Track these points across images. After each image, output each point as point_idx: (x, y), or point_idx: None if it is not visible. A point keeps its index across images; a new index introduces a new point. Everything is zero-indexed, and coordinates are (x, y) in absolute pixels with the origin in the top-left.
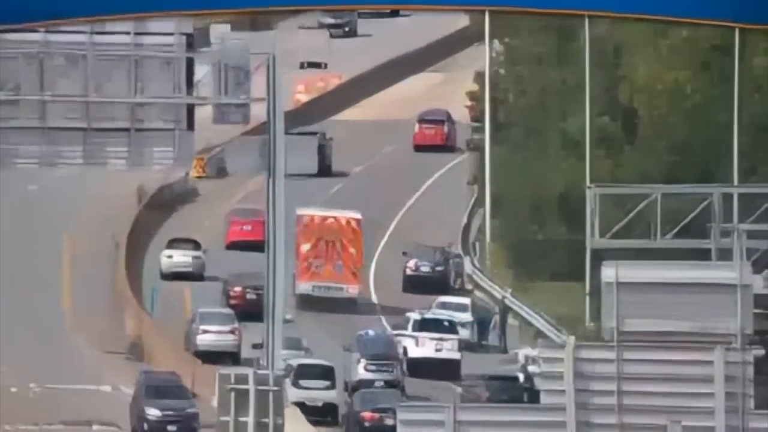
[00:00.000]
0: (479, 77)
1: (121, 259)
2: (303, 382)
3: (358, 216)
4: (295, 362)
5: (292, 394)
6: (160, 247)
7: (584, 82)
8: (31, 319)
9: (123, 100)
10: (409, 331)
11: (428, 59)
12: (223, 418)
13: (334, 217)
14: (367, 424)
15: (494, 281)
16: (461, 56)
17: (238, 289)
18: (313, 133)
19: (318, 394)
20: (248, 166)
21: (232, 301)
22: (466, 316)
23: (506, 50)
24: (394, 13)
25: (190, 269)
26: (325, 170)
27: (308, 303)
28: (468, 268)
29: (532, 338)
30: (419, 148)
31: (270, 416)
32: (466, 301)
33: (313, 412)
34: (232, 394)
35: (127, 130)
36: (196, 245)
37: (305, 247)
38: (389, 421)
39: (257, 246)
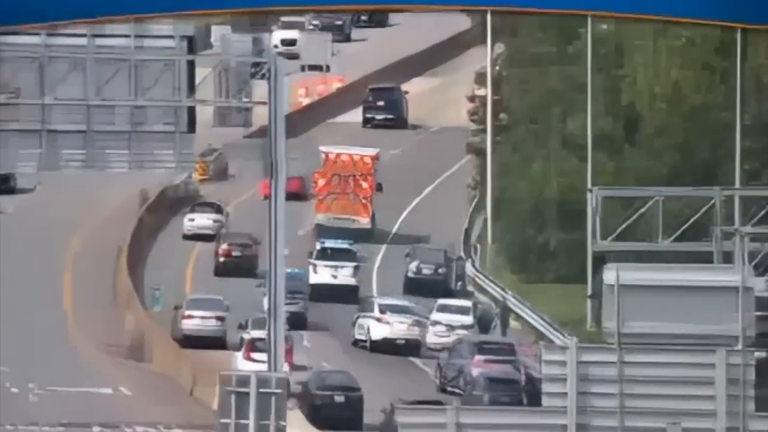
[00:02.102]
0: (480, 79)
1: (123, 261)
2: (255, 356)
3: (372, 152)
4: (245, 335)
5: (244, 366)
6: (162, 249)
7: (586, 83)
8: (32, 320)
9: (124, 103)
10: (313, 259)
11: (429, 62)
12: (223, 421)
13: (349, 154)
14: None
15: (496, 283)
16: (462, 58)
17: (225, 246)
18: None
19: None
20: (250, 168)
21: (220, 258)
22: (468, 319)
23: (507, 52)
24: (381, 23)
25: (210, 231)
26: (401, 123)
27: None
28: (469, 270)
29: (534, 340)
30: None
31: (272, 419)
32: (467, 303)
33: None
34: (233, 396)
35: (127, 132)
36: (218, 209)
37: (321, 182)
38: (338, 399)
39: (292, 197)
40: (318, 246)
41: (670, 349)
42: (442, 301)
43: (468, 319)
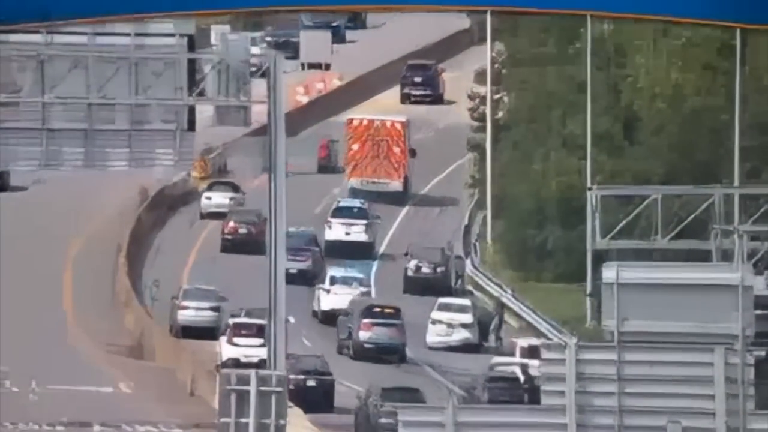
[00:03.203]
0: (480, 77)
1: (123, 260)
2: (238, 340)
3: (403, 119)
4: (231, 321)
5: (228, 351)
6: (162, 247)
7: (585, 83)
8: (32, 319)
9: (124, 102)
10: (329, 217)
11: (430, 59)
12: (223, 420)
13: (381, 120)
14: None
15: (495, 282)
16: (462, 56)
17: (231, 223)
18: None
19: (253, 351)
20: (249, 167)
21: (227, 235)
22: (467, 317)
23: (507, 51)
24: (361, 25)
25: (226, 210)
26: (438, 99)
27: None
28: (469, 269)
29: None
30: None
31: (272, 417)
32: (466, 302)
33: (247, 368)
34: (233, 394)
35: (128, 131)
36: (235, 188)
37: (354, 147)
38: (310, 383)
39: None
40: (334, 204)
41: (670, 347)
42: (441, 299)
43: (468, 318)
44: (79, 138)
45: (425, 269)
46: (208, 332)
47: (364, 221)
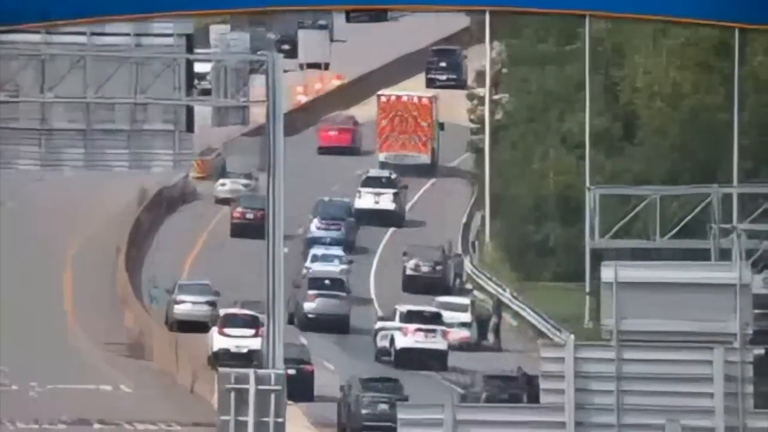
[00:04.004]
0: (479, 77)
1: (122, 260)
2: (229, 330)
3: (430, 95)
4: (221, 311)
5: (219, 341)
6: (161, 247)
7: (584, 82)
8: (32, 318)
9: (123, 101)
10: (359, 187)
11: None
12: (223, 418)
13: (408, 95)
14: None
15: (494, 281)
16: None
17: (240, 209)
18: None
19: (243, 341)
20: (247, 167)
21: (235, 220)
22: (466, 316)
23: (506, 51)
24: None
25: (239, 196)
26: (462, 83)
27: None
28: (468, 267)
29: (532, 338)
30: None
31: (270, 416)
32: (465, 301)
33: (237, 359)
34: (232, 393)
35: (127, 131)
36: (248, 175)
37: (383, 123)
38: (291, 371)
39: (344, 150)
40: (363, 175)
41: (668, 346)
42: (440, 298)
43: (466, 317)
44: (79, 138)
45: (424, 268)
46: (204, 326)
47: (393, 190)
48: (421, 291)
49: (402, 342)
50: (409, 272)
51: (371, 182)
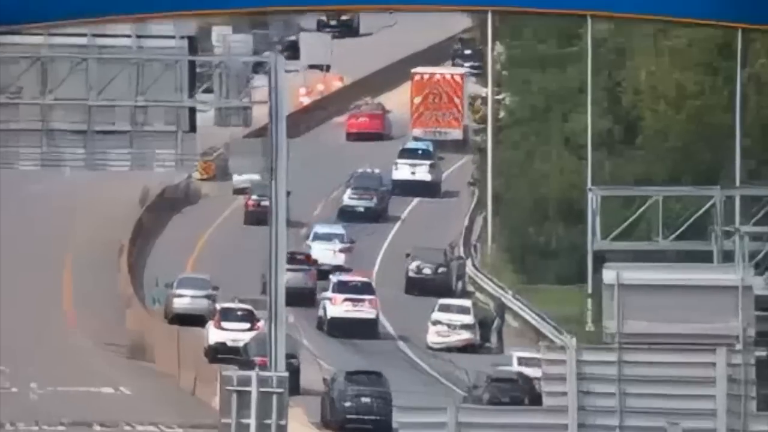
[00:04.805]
0: (481, 78)
1: (124, 261)
2: (226, 324)
3: (462, 71)
4: (218, 306)
5: (215, 335)
6: (163, 248)
7: (586, 83)
8: (31, 319)
9: (125, 103)
10: (396, 159)
11: (431, 61)
12: (224, 420)
13: (441, 73)
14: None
15: (496, 283)
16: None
17: (253, 198)
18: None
19: (240, 335)
20: (250, 168)
21: (249, 208)
22: (468, 318)
23: (508, 52)
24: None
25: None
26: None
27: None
28: (470, 269)
29: (534, 340)
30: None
31: (273, 418)
32: (467, 303)
33: (233, 352)
34: (234, 395)
35: (128, 132)
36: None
37: (417, 100)
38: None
39: (372, 136)
40: (401, 146)
41: (670, 348)
42: (442, 300)
43: (469, 319)
44: (80, 139)
45: (426, 270)
46: (202, 320)
47: (429, 161)
48: (423, 293)
49: (332, 311)
50: (411, 274)
51: (408, 154)
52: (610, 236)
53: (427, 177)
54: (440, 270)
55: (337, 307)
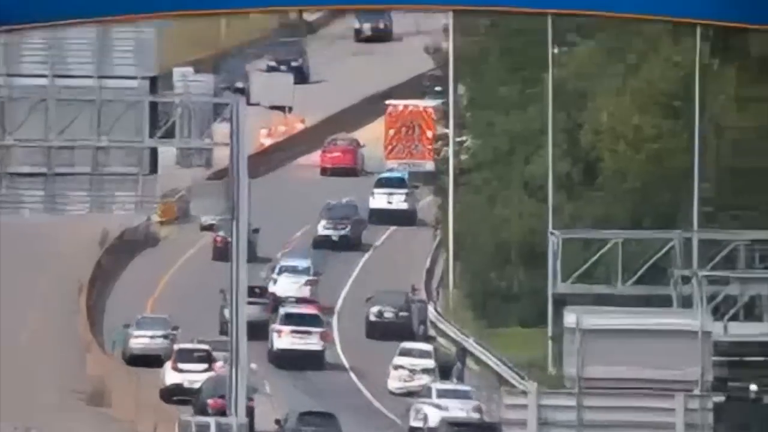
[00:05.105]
0: (443, 120)
1: (83, 304)
2: (182, 365)
3: (434, 104)
4: (175, 347)
5: (171, 376)
6: (122, 291)
7: (547, 126)
8: None
9: (85, 143)
10: (372, 188)
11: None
12: None
13: (415, 105)
14: (210, 411)
15: (457, 327)
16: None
17: (220, 234)
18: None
19: (196, 376)
20: (212, 210)
21: (217, 244)
22: (430, 362)
23: (470, 93)
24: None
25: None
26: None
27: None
28: (431, 313)
29: (495, 384)
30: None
31: None
32: (428, 347)
33: (190, 394)
34: None
35: (88, 174)
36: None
37: (390, 132)
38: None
39: (345, 171)
40: (378, 176)
41: (630, 393)
42: (404, 344)
43: (430, 363)
44: (39, 181)
45: (388, 314)
46: (159, 361)
47: (405, 191)
48: (384, 337)
49: (278, 343)
50: (372, 318)
51: (384, 183)
52: (570, 279)
53: (404, 205)
54: (402, 314)
55: (283, 338)
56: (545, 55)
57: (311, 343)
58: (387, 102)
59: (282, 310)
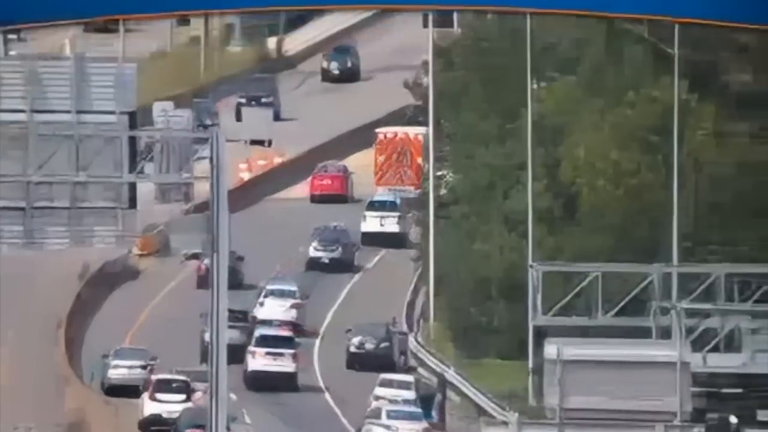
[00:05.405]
0: (424, 153)
1: (62, 337)
2: (160, 396)
3: (423, 131)
4: (153, 377)
5: (150, 407)
6: (102, 324)
7: (526, 161)
8: None
9: (64, 178)
10: (364, 211)
11: (370, 137)
12: None
13: (404, 132)
14: None
15: (438, 358)
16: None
17: (204, 263)
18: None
19: (174, 407)
20: (192, 244)
21: (201, 272)
22: (410, 394)
23: (450, 128)
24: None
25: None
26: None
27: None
28: (412, 345)
29: (476, 416)
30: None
31: None
32: (409, 378)
33: (168, 425)
34: None
35: (67, 209)
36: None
37: (380, 159)
38: None
39: (334, 198)
40: (368, 199)
41: (610, 423)
42: (384, 375)
43: (410, 394)
44: (18, 216)
45: (368, 345)
46: (137, 391)
47: (397, 214)
48: (364, 368)
49: (252, 364)
50: (353, 350)
51: (376, 206)
52: (551, 312)
53: (395, 228)
54: (383, 345)
55: (257, 360)
56: (525, 90)
57: (283, 365)
58: (377, 130)
59: (257, 332)
